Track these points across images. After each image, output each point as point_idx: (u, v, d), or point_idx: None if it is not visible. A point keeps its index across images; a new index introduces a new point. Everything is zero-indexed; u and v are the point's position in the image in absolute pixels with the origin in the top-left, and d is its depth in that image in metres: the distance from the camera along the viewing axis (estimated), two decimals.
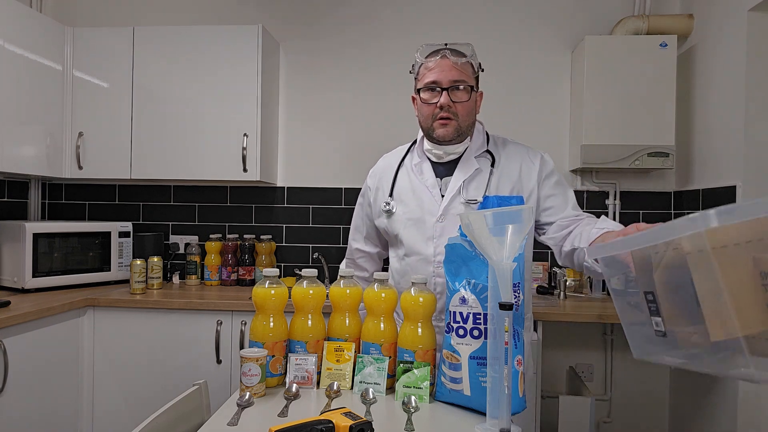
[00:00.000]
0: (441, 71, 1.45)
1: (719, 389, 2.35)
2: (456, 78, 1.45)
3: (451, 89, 1.45)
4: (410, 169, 1.59)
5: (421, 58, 1.50)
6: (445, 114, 1.46)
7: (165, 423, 1.19)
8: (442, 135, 1.49)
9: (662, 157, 2.56)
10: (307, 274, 1.41)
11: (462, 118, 1.48)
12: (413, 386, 1.28)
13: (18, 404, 2.10)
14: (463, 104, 1.47)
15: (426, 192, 1.53)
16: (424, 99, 1.49)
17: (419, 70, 1.51)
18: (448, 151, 1.53)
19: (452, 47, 1.47)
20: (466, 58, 1.47)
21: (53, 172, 2.75)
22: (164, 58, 2.76)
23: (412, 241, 1.54)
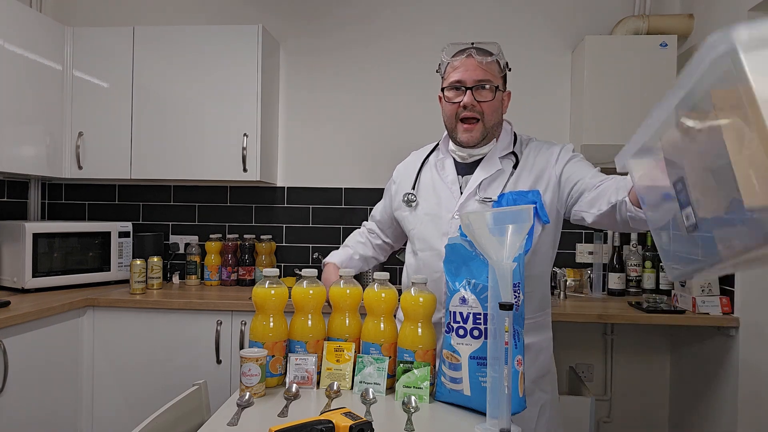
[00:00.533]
0: (466, 70, 1.43)
1: (719, 389, 2.35)
2: (481, 77, 1.43)
3: (476, 88, 1.43)
4: (434, 165, 1.58)
5: (447, 58, 1.48)
6: (469, 114, 1.44)
7: (165, 423, 1.19)
8: (466, 140, 1.47)
9: None
10: (307, 274, 1.41)
11: (487, 117, 1.45)
12: (413, 386, 1.28)
13: (18, 404, 2.10)
14: (488, 103, 1.44)
15: (445, 188, 1.52)
16: (448, 98, 1.47)
17: (445, 69, 1.49)
18: (472, 153, 1.50)
19: (478, 46, 1.45)
20: (493, 56, 1.45)
21: (53, 172, 2.75)
22: (164, 58, 2.76)
23: (427, 236, 1.52)
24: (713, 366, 2.41)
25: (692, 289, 2.32)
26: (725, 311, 2.27)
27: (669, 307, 2.39)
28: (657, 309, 2.35)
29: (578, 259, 2.90)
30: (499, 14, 2.96)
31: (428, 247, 1.52)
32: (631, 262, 2.78)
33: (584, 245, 2.89)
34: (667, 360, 2.86)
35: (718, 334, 2.35)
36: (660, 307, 2.38)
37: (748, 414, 2.21)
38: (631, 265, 2.78)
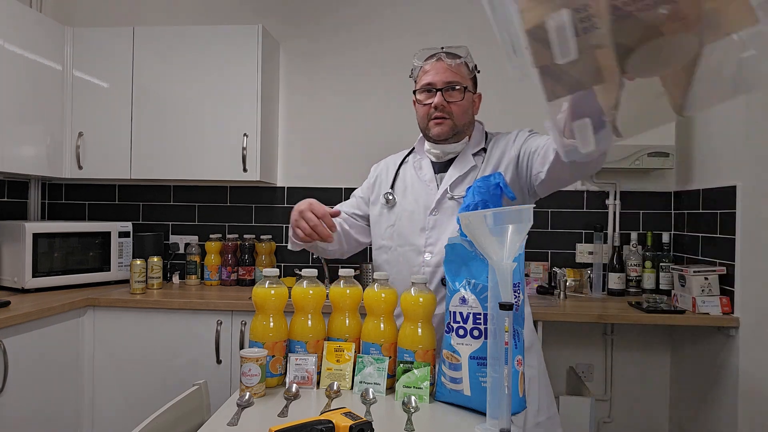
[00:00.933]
0: (436, 73, 1.51)
1: (719, 389, 2.35)
2: (450, 79, 1.51)
3: (446, 90, 1.51)
4: (411, 166, 1.66)
5: (419, 62, 1.56)
6: (439, 114, 1.52)
7: (165, 423, 1.19)
8: (437, 133, 1.54)
9: (662, 157, 2.56)
10: (307, 274, 1.41)
11: (457, 117, 1.53)
12: (413, 386, 1.28)
13: (18, 404, 2.10)
14: (457, 104, 1.52)
15: (423, 186, 1.59)
16: (420, 100, 1.55)
17: (417, 74, 1.57)
18: (446, 151, 1.58)
19: (447, 50, 1.53)
20: (461, 59, 1.53)
21: (53, 172, 2.75)
22: (164, 58, 2.76)
23: (405, 232, 1.58)
24: (713, 366, 2.41)
25: (692, 289, 2.32)
26: (725, 311, 2.27)
27: (669, 307, 2.39)
28: (657, 309, 2.35)
29: (578, 259, 2.90)
30: None
31: (406, 243, 1.57)
32: (631, 262, 2.78)
33: (584, 245, 2.89)
34: (667, 360, 2.86)
35: (718, 334, 2.35)
36: (660, 307, 2.38)
37: (748, 414, 2.21)
38: (631, 265, 2.78)
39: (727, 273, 2.30)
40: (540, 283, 2.84)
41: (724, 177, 2.35)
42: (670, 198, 2.88)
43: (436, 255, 1.51)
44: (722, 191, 2.36)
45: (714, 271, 2.32)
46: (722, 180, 2.37)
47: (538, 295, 2.72)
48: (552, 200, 2.93)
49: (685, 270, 2.37)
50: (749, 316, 2.22)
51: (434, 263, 1.51)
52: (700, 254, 2.55)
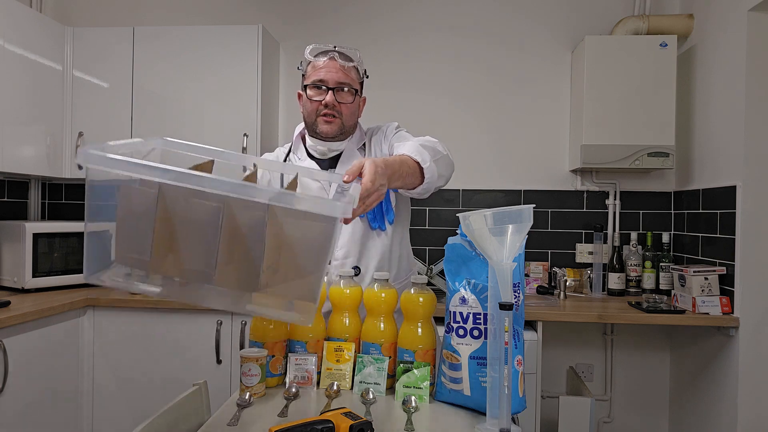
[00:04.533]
0: (328, 71, 1.52)
1: (719, 389, 2.35)
2: (342, 80, 1.52)
3: (337, 90, 1.52)
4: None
5: (310, 57, 1.55)
6: (329, 111, 1.53)
7: (165, 423, 1.19)
8: (325, 131, 1.55)
9: (662, 157, 2.56)
10: None
11: (345, 117, 1.55)
12: (413, 386, 1.28)
13: (18, 404, 2.10)
14: (347, 105, 1.54)
15: (313, 183, 1.60)
16: (311, 95, 1.54)
17: (307, 68, 1.56)
18: (332, 148, 1.60)
19: (340, 50, 1.54)
20: (353, 63, 1.55)
21: (53, 172, 2.75)
22: (164, 58, 2.76)
23: None
24: (713, 366, 2.41)
25: (692, 289, 2.32)
26: (725, 311, 2.27)
27: (669, 307, 2.39)
28: (657, 309, 2.35)
29: (578, 259, 2.90)
30: (499, 14, 2.96)
31: None
32: (631, 262, 2.78)
33: (584, 245, 2.90)
34: (667, 360, 2.86)
35: (718, 334, 2.35)
36: (660, 307, 2.38)
37: (748, 414, 2.21)
38: (631, 265, 2.78)
39: (727, 273, 2.30)
40: (540, 283, 2.84)
41: (724, 177, 2.35)
42: (670, 198, 2.88)
43: (341, 248, 1.58)
44: (722, 191, 2.36)
45: (714, 271, 2.32)
46: (722, 180, 2.37)
47: (538, 295, 2.72)
48: (552, 200, 2.93)
49: (685, 270, 2.37)
50: (749, 316, 2.22)
51: (342, 255, 1.58)
52: (700, 254, 2.55)
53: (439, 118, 2.94)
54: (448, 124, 2.95)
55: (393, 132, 1.64)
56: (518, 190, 2.94)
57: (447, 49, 2.98)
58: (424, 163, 1.32)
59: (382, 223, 1.59)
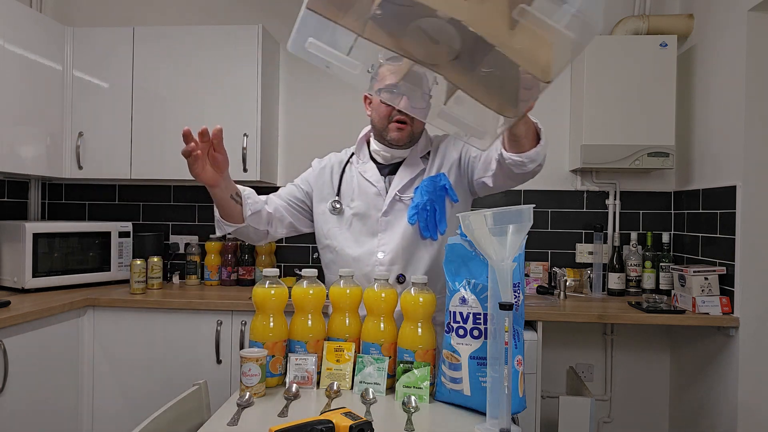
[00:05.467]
0: None
1: (719, 389, 2.35)
2: None
3: None
4: (355, 170, 1.66)
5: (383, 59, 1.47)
6: (402, 117, 1.51)
7: (165, 423, 1.19)
8: (396, 139, 1.53)
9: (662, 157, 2.56)
10: (307, 274, 1.41)
11: (417, 124, 1.53)
12: (413, 386, 1.28)
13: (18, 404, 2.10)
14: None
15: (371, 188, 1.60)
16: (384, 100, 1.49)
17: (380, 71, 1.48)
18: (396, 155, 1.59)
19: None
20: None
21: (53, 172, 2.75)
22: (164, 58, 2.76)
23: (358, 235, 1.59)
24: (713, 366, 2.41)
25: (692, 289, 2.32)
26: (725, 311, 2.27)
27: (669, 307, 2.39)
28: (657, 309, 2.35)
29: (578, 259, 2.90)
30: None
31: (358, 246, 1.59)
32: (631, 262, 2.78)
33: (584, 245, 2.90)
34: (667, 360, 2.86)
35: (718, 334, 2.35)
36: (660, 307, 2.38)
37: (748, 414, 2.21)
38: (631, 265, 2.78)
39: (726, 273, 2.30)
40: (540, 283, 2.84)
41: (724, 177, 2.35)
42: (670, 198, 2.88)
43: (389, 253, 1.56)
44: (722, 191, 2.36)
45: (714, 271, 2.32)
46: (722, 180, 2.37)
47: (538, 295, 2.72)
48: (552, 200, 2.93)
49: (685, 270, 2.37)
50: (749, 316, 2.22)
51: (388, 261, 1.56)
52: (700, 254, 2.55)
53: None
54: None
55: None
56: (518, 190, 2.94)
57: None
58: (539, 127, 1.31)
59: (434, 232, 1.56)
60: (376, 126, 1.58)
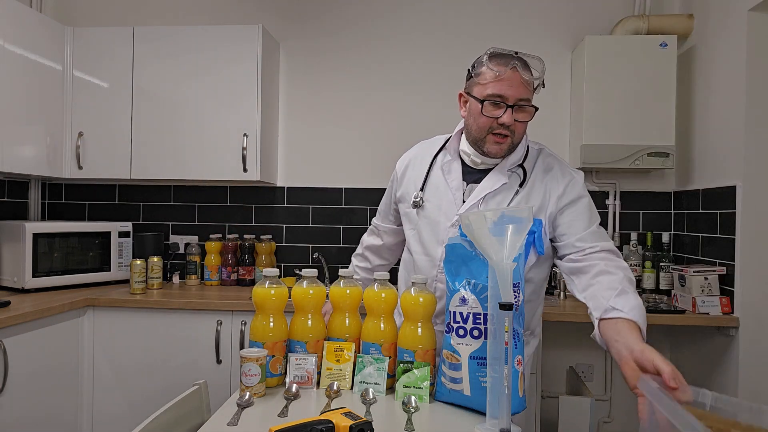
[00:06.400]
0: (510, 86, 1.35)
1: (719, 389, 2.35)
2: (523, 96, 1.37)
3: (516, 107, 1.37)
4: (440, 167, 1.52)
5: (488, 63, 1.38)
6: (503, 132, 1.38)
7: (165, 423, 1.19)
8: (494, 152, 1.41)
9: (662, 157, 2.56)
10: (307, 274, 1.41)
11: (518, 135, 1.42)
12: (413, 386, 1.28)
13: (18, 404, 2.10)
14: (522, 124, 1.40)
15: (448, 194, 1.47)
16: (486, 111, 1.38)
17: (482, 72, 1.39)
18: (487, 162, 1.46)
19: (524, 57, 1.38)
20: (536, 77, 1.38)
21: (53, 172, 2.75)
22: (164, 58, 2.76)
23: (425, 241, 1.50)
24: (713, 366, 2.41)
25: (692, 289, 2.32)
26: (725, 311, 2.27)
27: (669, 307, 2.39)
28: (657, 309, 2.35)
29: None
30: (499, 14, 2.96)
31: (424, 252, 1.51)
32: (631, 262, 2.77)
33: None
34: (667, 360, 2.85)
35: (718, 334, 2.35)
36: (660, 307, 2.38)
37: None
38: (631, 265, 2.77)
39: (727, 273, 2.30)
40: None
41: (724, 177, 2.35)
42: (670, 198, 2.88)
43: None
44: (722, 191, 2.36)
45: (714, 271, 2.32)
46: (722, 180, 2.37)
47: None
48: None
49: (685, 270, 2.37)
50: (749, 316, 2.22)
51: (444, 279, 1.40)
52: (700, 254, 2.55)
53: (440, 118, 2.94)
54: (448, 125, 2.94)
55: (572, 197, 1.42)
56: None
57: (447, 49, 2.98)
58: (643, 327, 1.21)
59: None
60: (471, 133, 1.44)
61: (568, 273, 1.40)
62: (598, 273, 1.32)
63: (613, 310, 1.22)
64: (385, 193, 1.73)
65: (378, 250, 1.81)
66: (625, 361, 1.08)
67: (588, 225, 1.41)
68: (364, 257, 1.84)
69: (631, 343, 1.11)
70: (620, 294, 1.24)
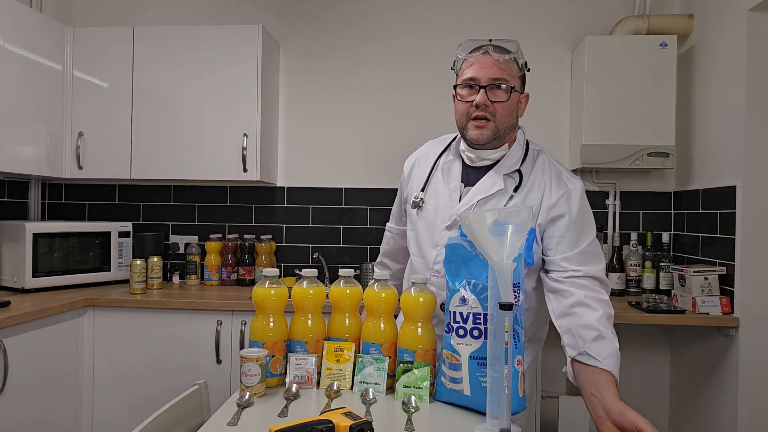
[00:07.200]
0: (481, 68, 1.35)
1: (719, 389, 2.35)
2: (496, 75, 1.34)
3: (490, 87, 1.34)
4: (441, 168, 1.50)
5: (463, 54, 1.39)
6: (481, 113, 1.35)
7: (165, 423, 1.19)
8: (475, 138, 1.38)
9: (662, 157, 2.56)
10: (307, 274, 1.41)
11: (500, 119, 1.36)
12: (413, 386, 1.28)
13: (18, 404, 2.10)
14: (502, 104, 1.35)
15: (445, 195, 1.45)
16: (461, 96, 1.38)
17: (460, 66, 1.41)
18: (482, 156, 1.42)
19: (496, 43, 1.36)
20: (510, 54, 1.37)
21: (53, 172, 2.75)
22: (164, 58, 2.76)
23: (422, 243, 1.49)
24: (713, 366, 2.41)
25: (692, 289, 2.32)
26: (725, 311, 2.27)
27: (669, 307, 2.39)
28: (657, 309, 2.35)
29: None
30: (499, 14, 2.96)
31: (420, 254, 1.50)
32: (631, 262, 2.78)
33: None
34: (667, 360, 2.86)
35: (718, 334, 2.35)
36: (660, 307, 2.38)
37: (748, 414, 2.21)
38: (631, 265, 2.78)
39: (726, 273, 2.30)
40: None
41: (724, 177, 2.35)
42: (670, 198, 2.88)
43: (442, 277, 1.36)
44: (722, 191, 2.36)
45: (714, 271, 2.32)
46: (722, 180, 2.37)
47: None
48: None
49: (685, 270, 2.37)
50: (749, 316, 2.22)
51: (438, 284, 1.40)
52: (700, 254, 2.55)
53: (440, 118, 2.94)
54: (448, 125, 2.94)
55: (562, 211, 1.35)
56: None
57: (447, 49, 2.98)
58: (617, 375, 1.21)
59: None
60: (457, 125, 1.44)
61: (548, 290, 1.37)
62: (577, 303, 1.28)
63: (588, 357, 1.22)
64: (397, 194, 1.70)
65: (395, 255, 1.77)
66: (602, 421, 1.12)
67: (575, 244, 1.34)
68: (383, 265, 1.82)
69: (608, 403, 1.13)
70: (597, 339, 1.22)
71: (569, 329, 1.28)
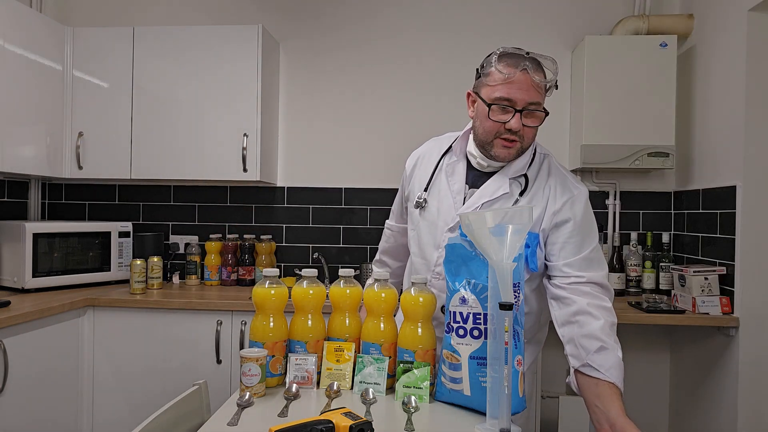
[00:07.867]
0: (519, 89, 1.28)
1: (719, 389, 2.35)
2: (533, 99, 1.29)
3: (525, 112, 1.30)
4: (444, 169, 1.48)
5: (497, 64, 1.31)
6: (511, 137, 1.32)
7: (165, 423, 1.19)
8: (502, 156, 1.35)
9: (662, 157, 2.56)
10: (307, 274, 1.41)
11: (527, 140, 1.35)
12: (413, 386, 1.28)
13: (18, 404, 2.10)
14: (532, 129, 1.34)
15: (449, 197, 1.44)
16: (494, 115, 1.32)
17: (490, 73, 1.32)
18: (493, 165, 1.40)
19: (535, 56, 1.31)
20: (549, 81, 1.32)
21: (53, 172, 2.75)
22: (164, 58, 2.76)
23: (423, 244, 1.49)
24: (713, 366, 2.41)
25: (692, 289, 2.32)
26: (725, 311, 2.27)
27: (669, 307, 2.39)
28: (657, 309, 2.35)
29: None
30: (499, 14, 2.96)
31: (421, 255, 1.49)
32: (631, 262, 2.78)
33: None
34: (667, 360, 2.86)
35: (718, 333, 2.35)
36: (660, 307, 2.38)
37: (748, 414, 2.21)
38: (631, 265, 2.78)
39: (727, 273, 2.30)
40: None
41: (724, 177, 2.35)
42: (670, 198, 2.88)
43: (443, 279, 1.35)
44: (722, 191, 2.36)
45: (714, 271, 2.32)
46: (722, 180, 2.37)
47: None
48: None
49: (685, 270, 2.37)
50: (749, 316, 2.22)
51: (438, 287, 1.40)
52: (700, 254, 2.55)
53: (440, 117, 2.94)
54: (448, 125, 2.94)
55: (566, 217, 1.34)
56: None
57: (447, 48, 2.98)
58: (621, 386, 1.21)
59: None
60: (478, 135, 1.38)
61: (551, 297, 1.36)
62: (579, 312, 1.27)
63: (591, 368, 1.22)
64: (398, 192, 1.69)
65: (395, 253, 1.78)
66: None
67: (579, 250, 1.33)
68: (382, 263, 1.82)
69: (612, 417, 1.14)
70: (600, 351, 1.22)
71: (572, 339, 1.27)
